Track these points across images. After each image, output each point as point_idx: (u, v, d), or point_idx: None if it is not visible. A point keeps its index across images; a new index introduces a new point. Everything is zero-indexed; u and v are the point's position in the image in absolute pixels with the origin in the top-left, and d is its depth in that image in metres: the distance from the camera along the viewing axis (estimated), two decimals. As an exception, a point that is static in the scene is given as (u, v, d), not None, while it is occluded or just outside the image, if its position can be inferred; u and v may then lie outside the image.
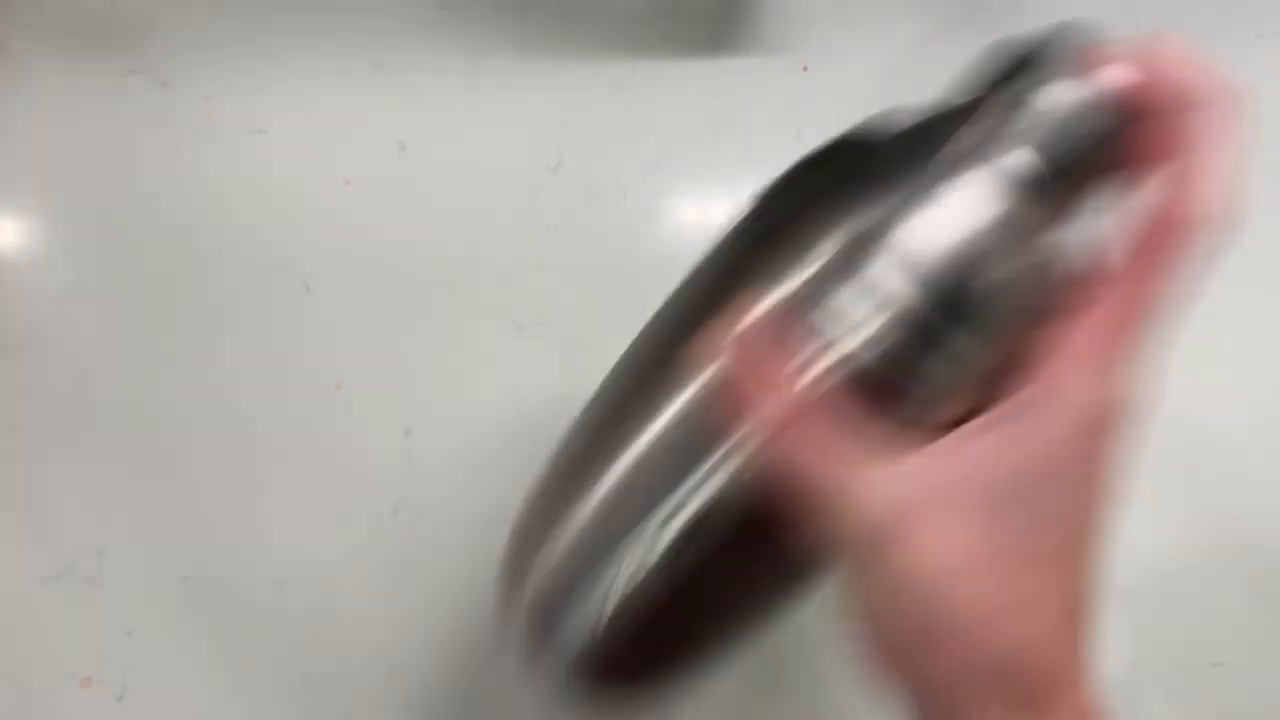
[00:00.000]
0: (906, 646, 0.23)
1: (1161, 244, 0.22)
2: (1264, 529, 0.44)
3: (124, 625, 0.43)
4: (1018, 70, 0.24)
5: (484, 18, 0.48)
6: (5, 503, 0.44)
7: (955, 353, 0.23)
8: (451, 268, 0.46)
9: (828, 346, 0.23)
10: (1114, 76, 0.23)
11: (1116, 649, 0.43)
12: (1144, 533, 0.44)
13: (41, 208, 0.46)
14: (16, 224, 0.46)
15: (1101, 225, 0.24)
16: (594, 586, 0.26)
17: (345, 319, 0.45)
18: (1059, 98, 0.23)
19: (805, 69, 0.48)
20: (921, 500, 0.22)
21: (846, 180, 0.25)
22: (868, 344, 0.23)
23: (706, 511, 0.25)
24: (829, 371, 0.23)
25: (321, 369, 0.44)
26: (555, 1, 0.48)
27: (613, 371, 0.30)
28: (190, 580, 0.43)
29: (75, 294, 0.45)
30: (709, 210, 0.47)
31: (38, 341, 0.45)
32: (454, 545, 0.43)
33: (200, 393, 0.44)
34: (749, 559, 0.26)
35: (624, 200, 0.47)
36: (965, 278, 0.23)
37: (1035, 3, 0.48)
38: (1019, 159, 0.23)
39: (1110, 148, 0.23)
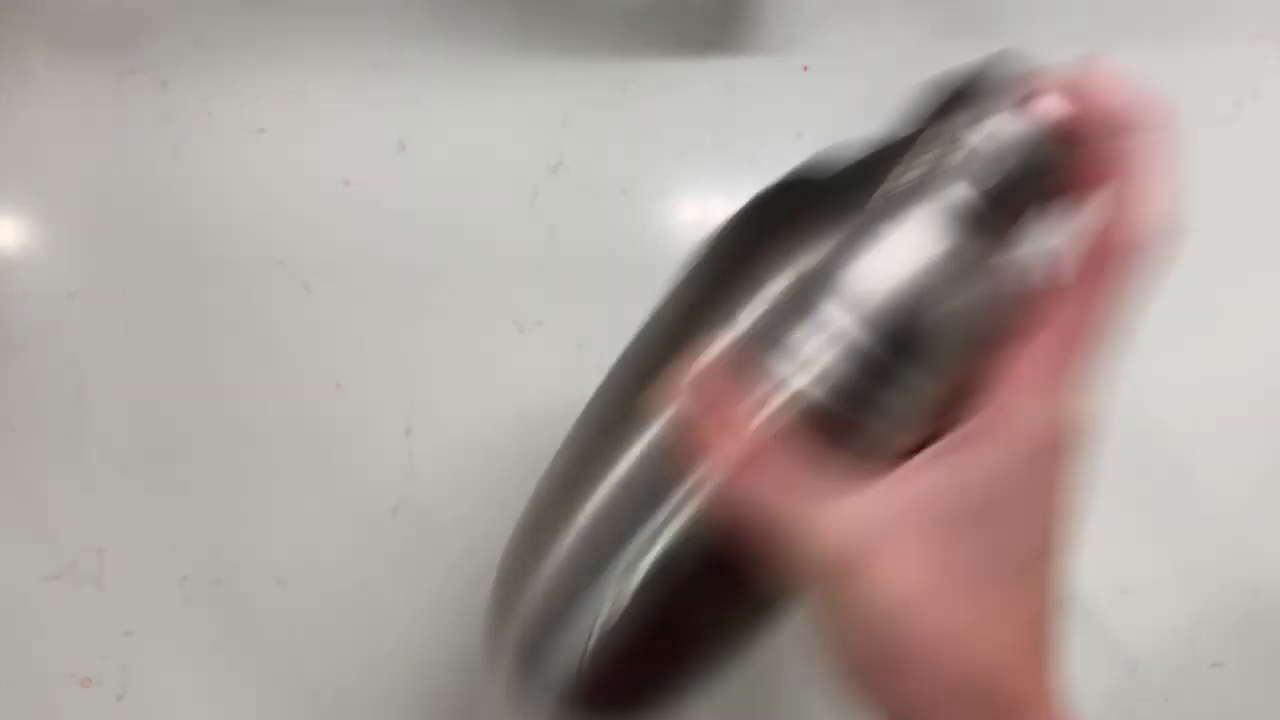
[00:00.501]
0: (875, 671, 0.23)
1: (1103, 266, 0.23)
2: (1263, 529, 0.44)
3: (124, 625, 0.43)
4: (956, 103, 0.25)
5: (484, 17, 0.48)
6: (5, 503, 0.44)
7: (905, 386, 0.24)
8: (451, 268, 0.46)
9: (781, 385, 0.24)
10: (1047, 107, 0.23)
11: (1117, 649, 0.43)
12: (1143, 534, 0.44)
13: (41, 208, 0.46)
14: (16, 224, 0.46)
15: (1045, 249, 0.25)
16: (575, 623, 0.27)
17: (345, 319, 0.45)
18: (994, 131, 0.24)
19: (805, 69, 0.48)
20: (878, 530, 0.23)
21: (795, 218, 0.26)
22: (819, 381, 0.24)
23: (671, 551, 0.26)
24: (783, 409, 0.24)
25: (321, 369, 0.44)
26: (555, 1, 0.48)
27: (582, 415, 0.31)
28: (190, 580, 0.43)
29: (75, 294, 0.45)
30: (709, 210, 0.47)
31: (38, 341, 0.45)
32: (454, 545, 0.43)
33: (200, 393, 0.44)
34: (717, 594, 0.27)
35: (624, 200, 0.47)
36: (911, 313, 0.23)
37: (1034, 4, 0.48)
38: (957, 194, 0.24)
39: (1047, 176, 0.24)
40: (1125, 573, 0.43)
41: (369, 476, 0.44)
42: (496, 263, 0.46)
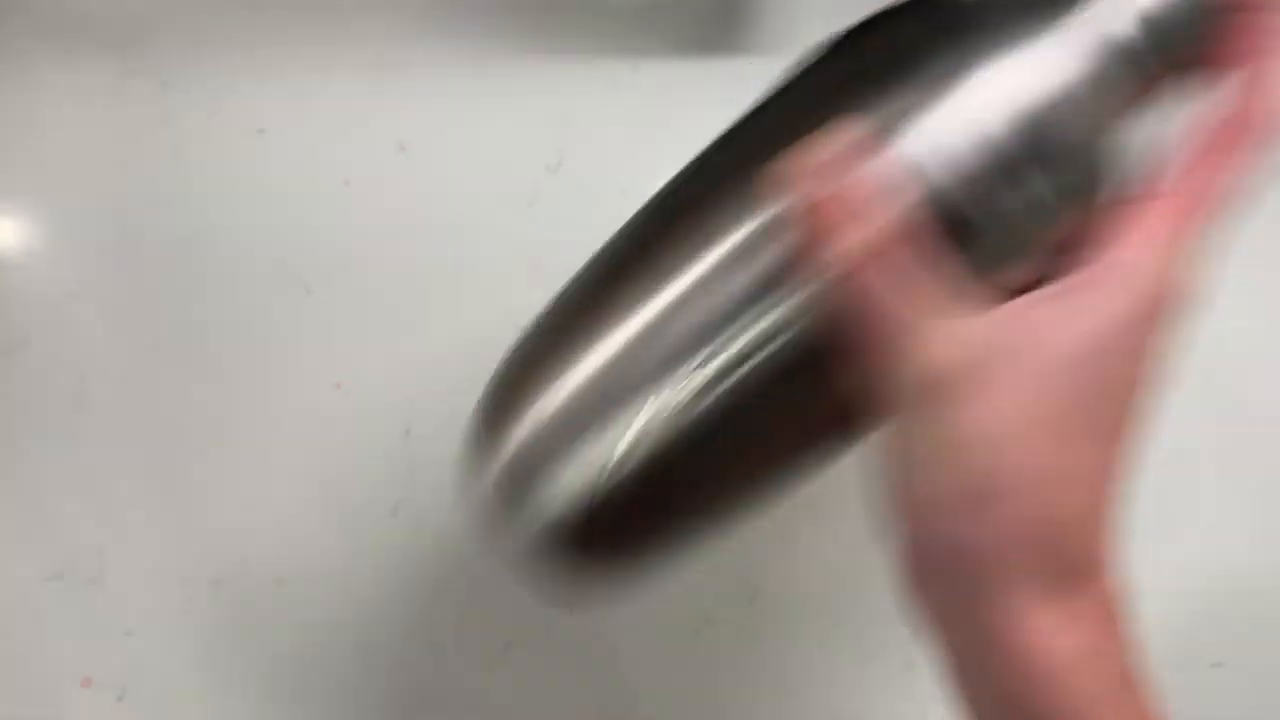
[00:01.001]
0: (951, 504, 0.22)
1: (1232, 140, 0.23)
2: (1264, 529, 0.44)
3: (124, 625, 0.43)
4: None
5: (484, 17, 0.48)
6: (5, 503, 0.44)
7: (1034, 197, 0.23)
8: (451, 268, 0.46)
9: (913, 172, 0.23)
10: None
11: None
12: (1143, 533, 0.44)
13: (41, 208, 0.46)
14: (16, 224, 0.46)
15: (1176, 121, 0.24)
16: (604, 431, 0.23)
17: (345, 319, 0.45)
18: None
19: (805, 69, 0.48)
20: (991, 357, 0.22)
21: (930, 31, 0.24)
22: (952, 172, 0.23)
23: (757, 348, 0.23)
24: (913, 200, 0.23)
25: (321, 369, 0.44)
26: (555, 1, 0.48)
27: (649, 204, 0.28)
28: (190, 580, 0.43)
29: (75, 294, 0.45)
30: (709, 210, 0.47)
31: (38, 341, 0.45)
32: (454, 545, 0.43)
33: (200, 392, 0.44)
34: (788, 409, 0.25)
35: (624, 200, 0.47)
36: (1054, 125, 0.23)
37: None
38: (1119, 26, 0.23)
39: (1201, 36, 0.23)
40: (1125, 572, 0.43)
41: (369, 476, 0.44)
42: (496, 263, 0.46)
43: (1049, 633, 0.22)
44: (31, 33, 0.48)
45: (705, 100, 0.48)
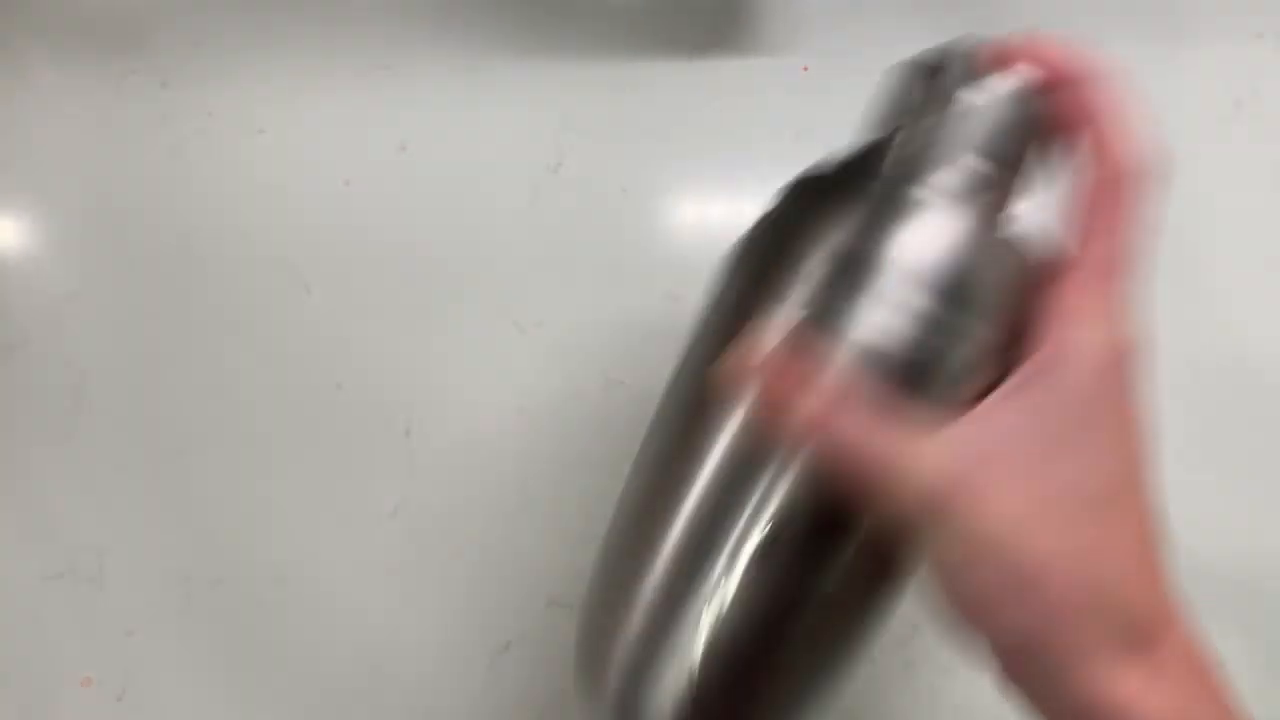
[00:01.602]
0: (997, 599, 0.23)
1: (1111, 198, 0.25)
2: (1263, 528, 0.44)
3: (124, 625, 0.43)
4: (927, 86, 0.28)
5: (484, 18, 0.48)
6: (5, 503, 0.44)
7: (966, 335, 0.25)
8: (451, 268, 0.46)
9: (849, 345, 0.25)
10: (1022, 65, 0.26)
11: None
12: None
13: (41, 208, 0.46)
14: (16, 224, 0.46)
15: (1051, 195, 0.27)
16: (677, 643, 0.26)
17: (345, 319, 0.45)
18: (977, 100, 0.26)
19: (805, 69, 0.48)
20: (973, 461, 0.23)
21: (814, 209, 0.27)
22: (886, 337, 0.25)
23: (775, 527, 0.26)
24: (855, 364, 0.25)
25: (321, 369, 0.44)
26: (555, 1, 0.48)
27: (652, 422, 0.31)
28: (190, 580, 0.43)
29: (75, 294, 0.45)
30: (709, 210, 0.47)
31: (38, 341, 0.45)
32: (454, 545, 0.43)
33: (200, 393, 0.44)
34: (827, 566, 0.27)
35: (624, 200, 0.47)
36: (957, 273, 0.25)
37: (1034, 6, 0.48)
38: (966, 162, 0.26)
39: (1036, 127, 0.26)
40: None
41: (369, 476, 0.44)
42: (496, 263, 0.46)
43: (1139, 693, 0.23)
44: (31, 33, 0.48)
45: (705, 100, 0.48)
